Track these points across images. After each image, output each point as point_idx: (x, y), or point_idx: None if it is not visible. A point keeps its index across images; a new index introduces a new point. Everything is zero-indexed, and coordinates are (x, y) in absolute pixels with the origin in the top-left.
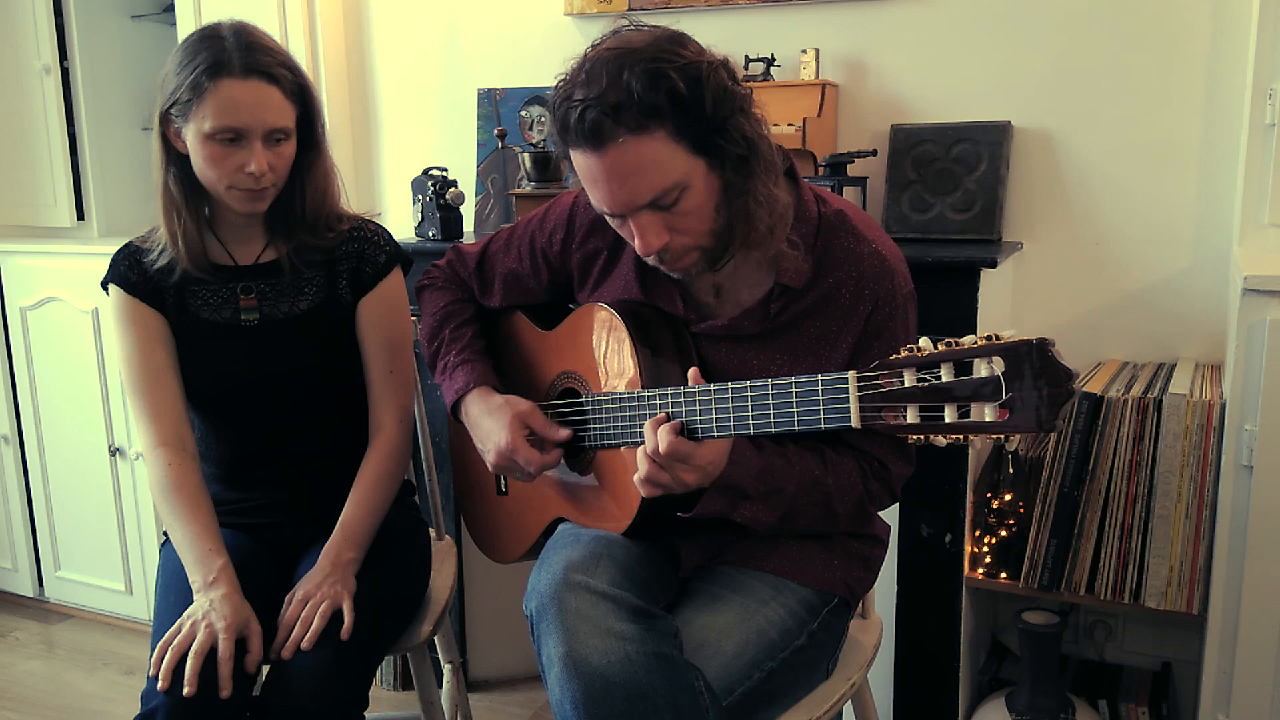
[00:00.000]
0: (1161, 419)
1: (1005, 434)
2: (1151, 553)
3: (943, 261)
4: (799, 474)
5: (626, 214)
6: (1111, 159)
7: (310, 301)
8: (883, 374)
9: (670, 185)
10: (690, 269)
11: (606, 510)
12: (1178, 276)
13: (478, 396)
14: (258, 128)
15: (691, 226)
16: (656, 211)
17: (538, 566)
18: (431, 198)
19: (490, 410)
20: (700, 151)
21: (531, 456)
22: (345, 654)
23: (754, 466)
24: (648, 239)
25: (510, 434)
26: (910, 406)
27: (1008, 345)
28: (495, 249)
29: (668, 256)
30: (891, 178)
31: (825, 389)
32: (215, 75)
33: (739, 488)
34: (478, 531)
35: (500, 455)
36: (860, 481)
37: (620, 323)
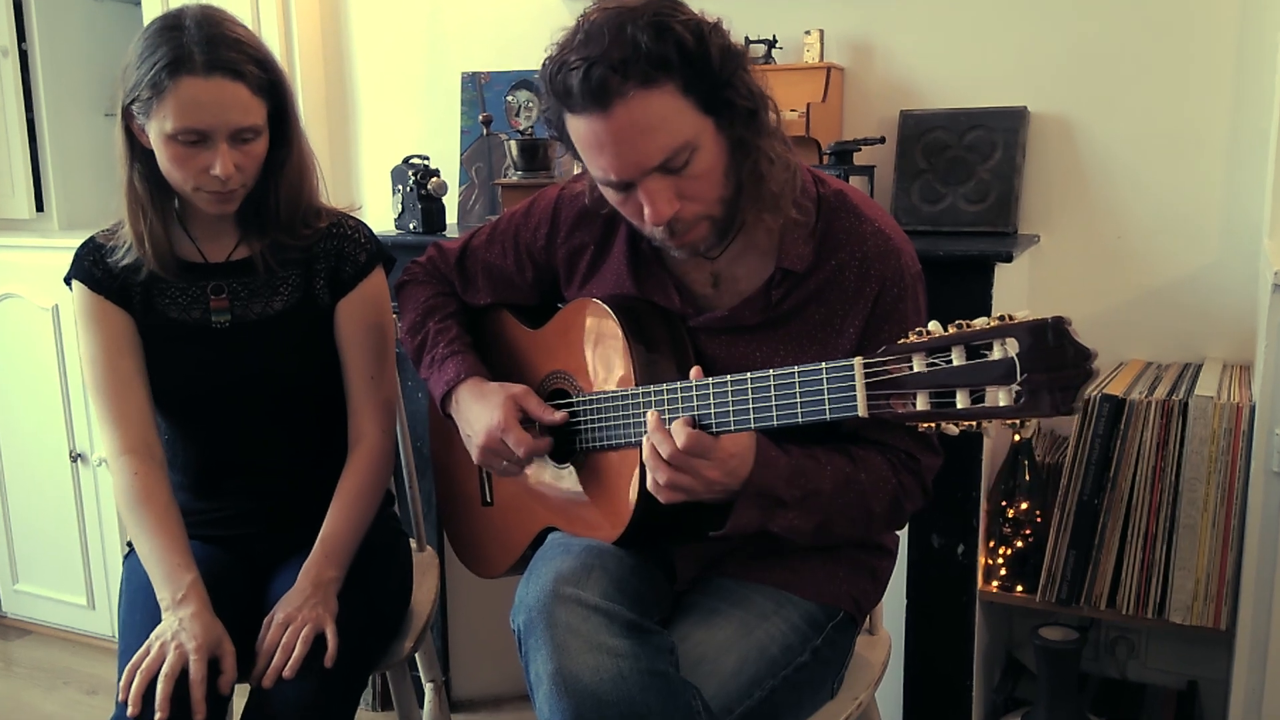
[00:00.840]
0: (1187, 423)
1: (1021, 419)
2: (1176, 564)
3: (955, 255)
4: (832, 473)
5: (636, 179)
6: (1134, 147)
7: (285, 302)
8: (890, 359)
9: (681, 144)
10: (699, 244)
11: (598, 518)
12: (1204, 272)
13: (470, 386)
14: (222, 128)
15: (702, 192)
16: (666, 176)
17: (526, 578)
18: (412, 188)
19: (483, 395)
20: (708, 110)
21: (522, 438)
22: (330, 682)
23: (783, 468)
24: (659, 207)
25: (503, 413)
26: (920, 393)
27: (1022, 325)
28: (477, 244)
29: (679, 227)
30: (900, 167)
31: (830, 377)
32: (175, 73)
33: (772, 493)
34: (462, 545)
35: (489, 435)
36: (892, 474)
37: (612, 318)
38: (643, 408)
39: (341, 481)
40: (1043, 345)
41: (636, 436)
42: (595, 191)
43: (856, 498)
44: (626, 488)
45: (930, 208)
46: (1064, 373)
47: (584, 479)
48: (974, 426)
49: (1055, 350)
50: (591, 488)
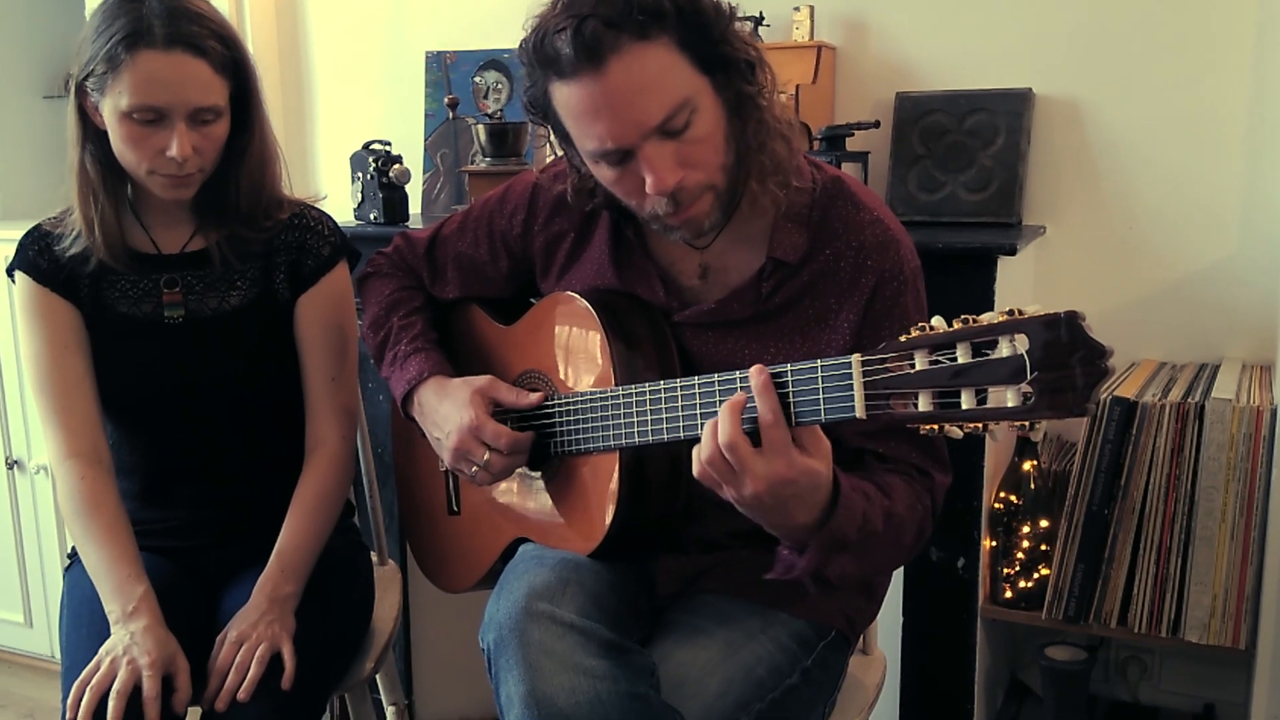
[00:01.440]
0: (1204, 427)
1: (1031, 420)
2: (1192, 580)
3: (955, 248)
4: (879, 509)
5: (636, 144)
6: (1147, 131)
7: (242, 297)
8: (891, 357)
9: (680, 101)
10: (702, 219)
11: (573, 529)
12: (1222, 265)
13: (433, 385)
14: (181, 107)
15: (704, 158)
16: (667, 140)
17: (496, 593)
18: (373, 176)
19: (448, 393)
20: (705, 68)
21: (500, 431)
22: (286, 705)
23: (858, 511)
24: (661, 174)
25: (474, 410)
26: (923, 393)
27: (1033, 320)
28: (448, 233)
29: (683, 197)
30: (896, 153)
31: (826, 375)
32: (134, 46)
33: (840, 538)
34: (426, 558)
35: (462, 436)
36: (917, 501)
37: (591, 313)
38: (623, 410)
39: (299, 490)
40: (1055, 342)
41: (616, 441)
42: (578, 186)
43: (896, 533)
44: (604, 496)
45: (928, 197)
46: (1078, 371)
47: (558, 486)
48: (980, 429)
49: (1069, 347)
50: (567, 496)
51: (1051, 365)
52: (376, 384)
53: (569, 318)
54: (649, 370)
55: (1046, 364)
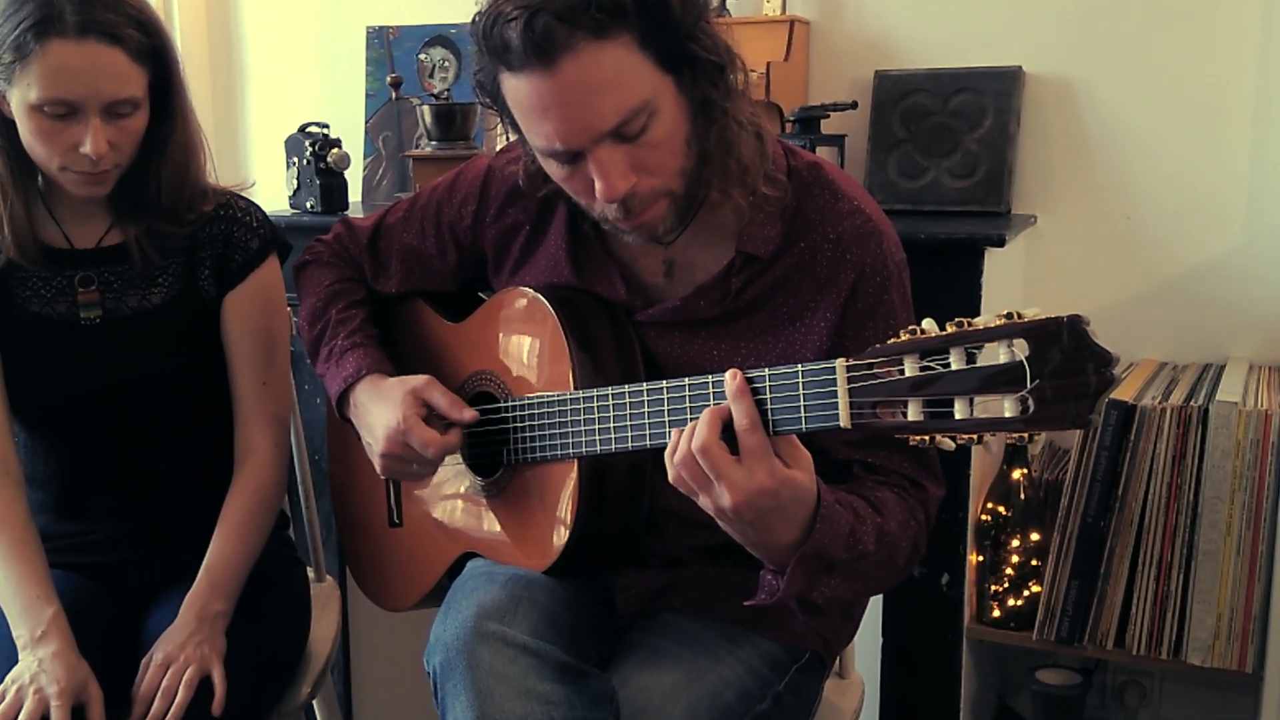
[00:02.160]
0: (1207, 432)
1: (1030, 432)
2: (1195, 597)
3: (938, 239)
4: (871, 526)
5: (585, 148)
6: (1146, 113)
7: (164, 295)
8: (878, 362)
9: (638, 105)
10: (656, 225)
11: (527, 543)
12: (1227, 258)
13: (370, 384)
14: (95, 100)
15: (661, 163)
16: (620, 144)
17: (442, 613)
18: (310, 161)
19: (381, 392)
20: (668, 67)
21: (428, 436)
22: None
23: (844, 525)
24: (612, 180)
25: (403, 411)
26: (912, 401)
27: (1032, 325)
28: (392, 223)
29: (635, 204)
30: (875, 136)
31: (807, 381)
32: (43, 35)
33: (826, 556)
34: (365, 572)
35: (390, 440)
36: (910, 517)
37: (548, 311)
38: (583, 415)
39: (228, 501)
40: (1057, 348)
41: (574, 448)
42: (531, 170)
43: (889, 552)
44: (561, 508)
45: (910, 183)
46: (1080, 379)
47: (511, 497)
48: (974, 440)
49: (1071, 354)
50: (520, 507)
51: (1053, 373)
52: (313, 385)
53: (524, 315)
54: (611, 373)
55: (1047, 372)
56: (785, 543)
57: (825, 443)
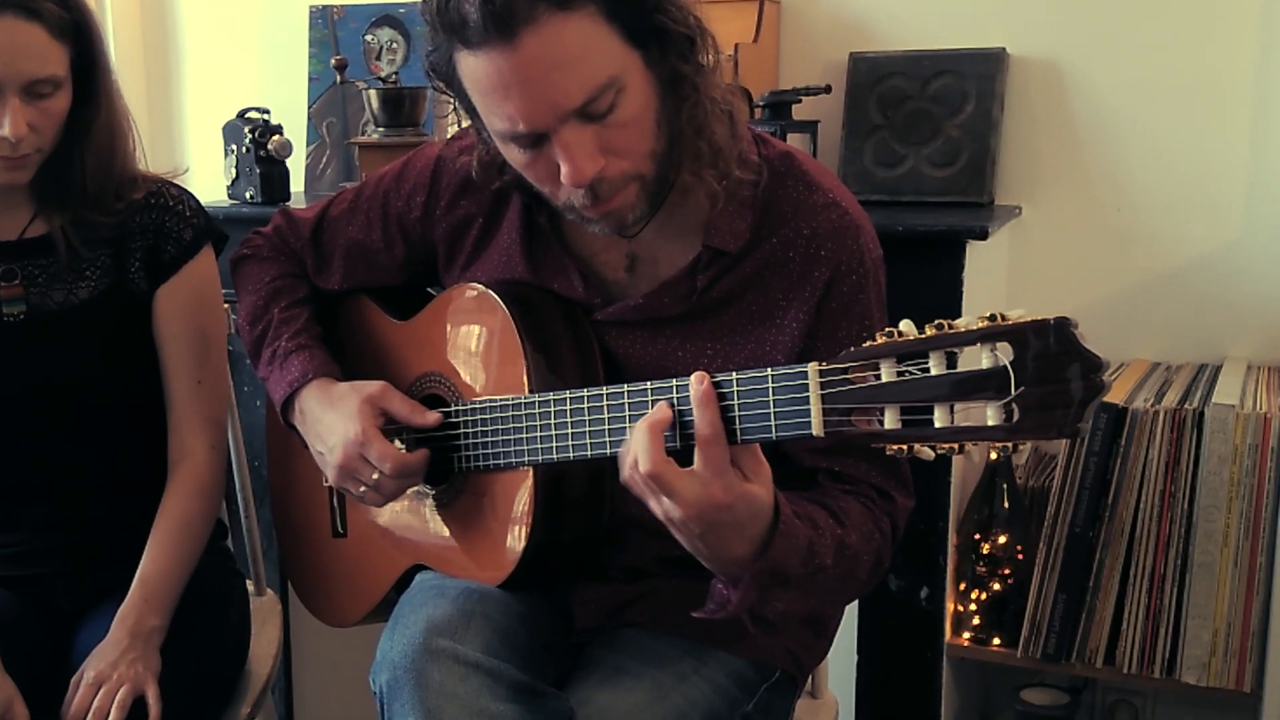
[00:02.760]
0: (1203, 437)
1: (1014, 441)
2: (1190, 612)
3: (917, 231)
4: (831, 540)
5: (550, 129)
6: (1138, 98)
7: (92, 289)
8: (853, 366)
9: (605, 81)
10: (625, 213)
11: (479, 555)
12: (1224, 252)
13: (317, 389)
14: (13, 79)
15: (630, 145)
16: (587, 124)
17: (390, 628)
18: (249, 149)
19: (333, 400)
20: (635, 41)
21: (387, 451)
22: None
23: (802, 539)
24: (579, 163)
25: (361, 423)
26: (890, 408)
27: (1017, 328)
28: (336, 214)
29: (603, 189)
30: (850, 122)
31: (778, 386)
32: None
33: (782, 570)
34: (307, 586)
35: (347, 454)
36: (875, 529)
37: (501, 308)
38: (539, 420)
39: (162, 510)
40: (1044, 352)
41: (529, 455)
42: (485, 159)
43: (849, 567)
44: (516, 518)
45: (887, 173)
46: (1068, 386)
47: (462, 507)
48: (955, 449)
49: (1059, 358)
50: (472, 518)
51: (1039, 379)
52: (253, 387)
53: (476, 314)
54: (568, 375)
55: (1033, 378)
56: (739, 556)
57: (789, 449)
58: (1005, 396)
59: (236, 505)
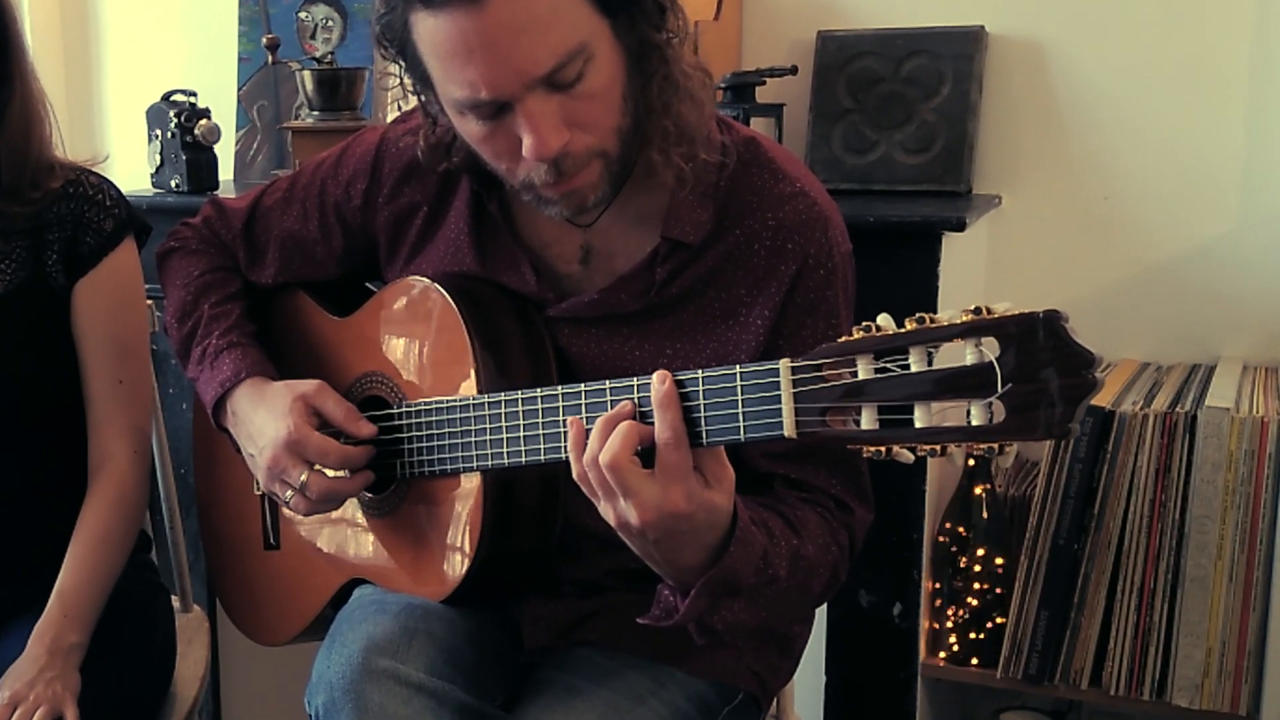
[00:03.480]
0: (1195, 442)
1: (1001, 442)
2: (1182, 630)
3: (889, 222)
4: (786, 550)
5: (515, 97)
6: (1126, 80)
7: (7, 283)
8: (828, 363)
9: (574, 48)
10: (587, 194)
11: (423, 568)
12: (1218, 244)
13: (250, 388)
14: None
15: (596, 118)
16: (553, 94)
17: (326, 646)
18: (174, 134)
19: (264, 398)
20: (604, 9)
21: (327, 445)
22: None
23: (758, 548)
24: (545, 134)
25: (293, 420)
26: (867, 406)
27: (1003, 321)
28: (270, 204)
29: (567, 165)
30: (818, 105)
31: (746, 384)
32: None
33: (735, 580)
34: (237, 601)
35: (276, 453)
36: (831, 540)
37: (447, 303)
38: (489, 422)
39: (82, 519)
40: (1032, 347)
41: (477, 460)
42: (432, 140)
43: (803, 579)
44: (463, 528)
45: (857, 160)
46: (1059, 383)
47: (405, 516)
48: (936, 451)
49: (1048, 354)
50: (415, 528)
51: (1027, 376)
52: (178, 389)
53: (420, 309)
54: (519, 374)
55: (1022, 374)
56: (691, 564)
57: (748, 453)
58: (990, 394)
59: (161, 515)
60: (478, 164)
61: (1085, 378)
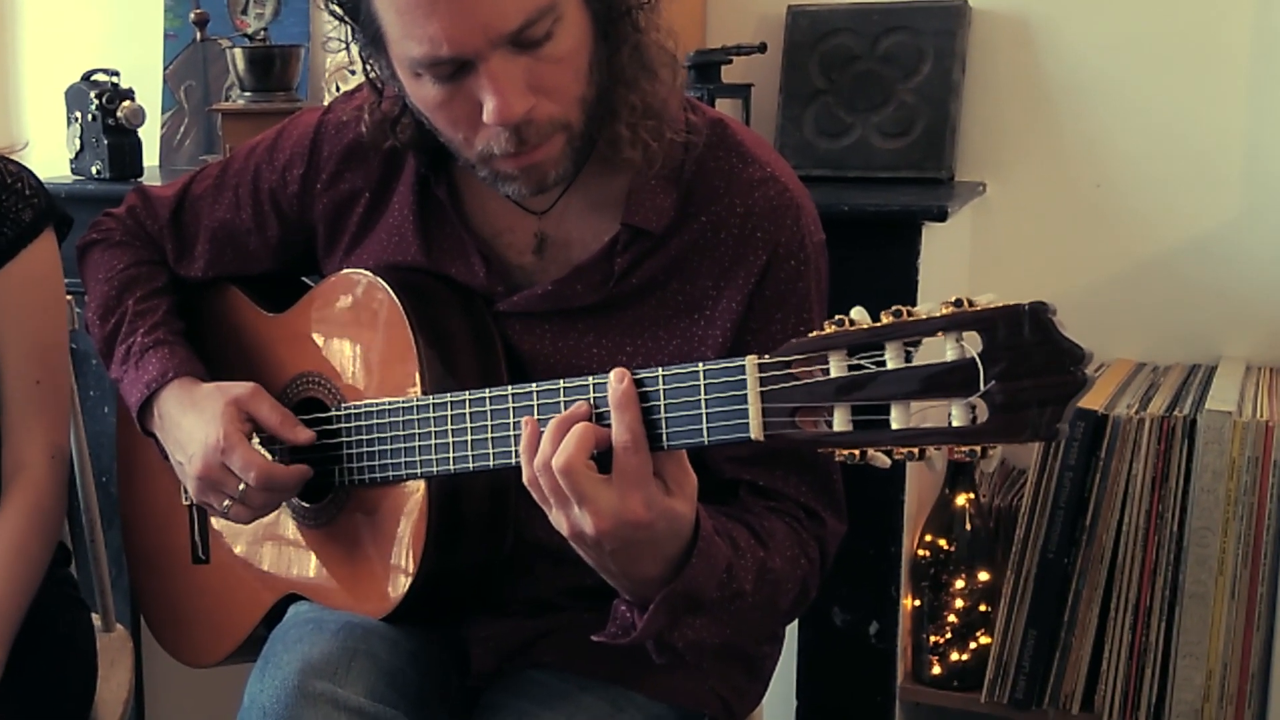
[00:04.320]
0: (1195, 448)
1: (983, 445)
2: (1180, 651)
3: (865, 211)
4: (751, 563)
5: (479, 55)
6: (1121, 58)
7: None
8: (798, 360)
9: (545, 4)
10: (548, 169)
11: (364, 583)
12: (1219, 234)
13: (179, 390)
14: None
15: (562, 84)
16: (519, 54)
17: (259, 669)
18: (96, 116)
19: (195, 401)
20: None
21: (253, 458)
22: None
23: (721, 559)
24: (509, 98)
25: (223, 426)
26: (840, 407)
27: (986, 314)
28: (200, 192)
29: (530, 133)
30: (789, 86)
31: (710, 383)
32: None
33: (697, 595)
34: (163, 620)
35: (207, 462)
36: (800, 553)
37: (390, 298)
38: (434, 426)
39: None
40: (1017, 342)
41: (422, 467)
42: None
43: (770, 594)
44: (406, 540)
45: (830, 144)
46: (1047, 380)
47: (344, 527)
48: (915, 455)
49: (1034, 349)
50: (355, 540)
51: (1013, 373)
52: (100, 391)
53: (360, 305)
54: (467, 374)
55: (1007, 371)
56: (650, 577)
57: (711, 457)
58: (973, 393)
59: (81, 527)
60: (426, 140)
61: (1075, 374)
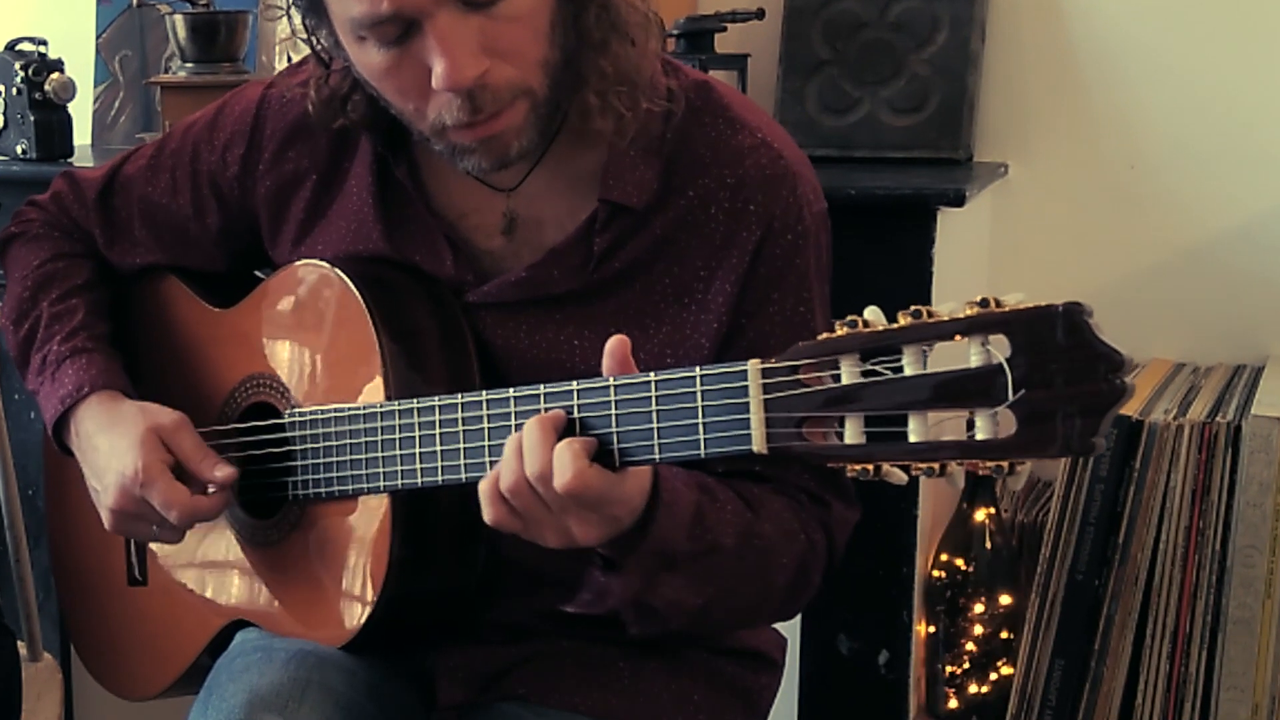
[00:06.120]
0: (1239, 458)
1: (1012, 461)
2: (1223, 682)
3: (874, 195)
4: (732, 515)
5: (425, 13)
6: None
7: None
8: (806, 364)
9: None
10: (510, 141)
11: (317, 607)
12: (1267, 220)
13: (98, 406)
14: None
15: (520, 46)
16: (470, 12)
17: (202, 701)
18: (21, 90)
19: (114, 422)
20: None
21: (174, 496)
22: None
23: (686, 508)
24: (459, 57)
25: (142, 456)
26: (851, 417)
27: (1015, 316)
28: (132, 173)
29: (486, 100)
30: (789, 56)
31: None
32: None
33: (668, 549)
34: (96, 648)
35: (124, 495)
36: (799, 527)
37: (349, 291)
38: (399, 434)
39: None
40: (1049, 347)
41: (385, 480)
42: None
43: (758, 560)
44: (367, 560)
45: (836, 121)
46: (1081, 389)
47: (297, 546)
48: (934, 470)
49: (1067, 354)
50: (308, 559)
51: (1045, 381)
52: (24, 395)
53: (316, 299)
54: (435, 375)
55: (1038, 379)
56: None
57: None
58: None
59: (4, 544)
60: (380, 119)
61: (1113, 383)
